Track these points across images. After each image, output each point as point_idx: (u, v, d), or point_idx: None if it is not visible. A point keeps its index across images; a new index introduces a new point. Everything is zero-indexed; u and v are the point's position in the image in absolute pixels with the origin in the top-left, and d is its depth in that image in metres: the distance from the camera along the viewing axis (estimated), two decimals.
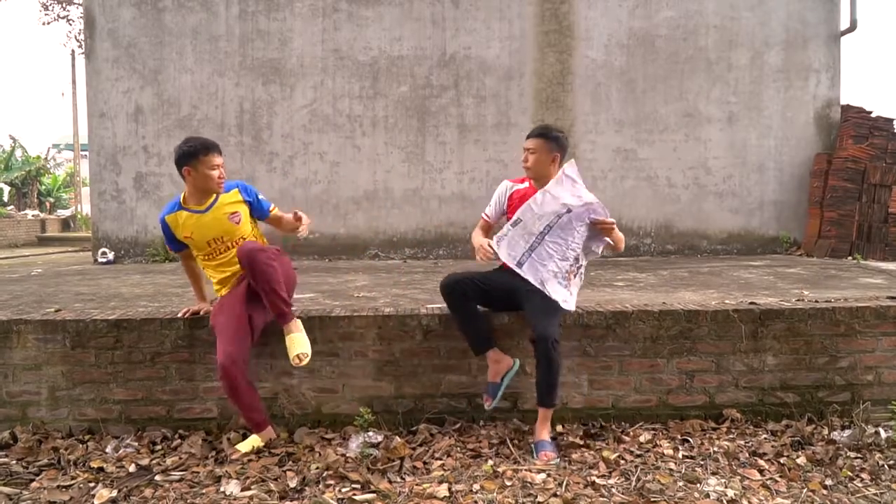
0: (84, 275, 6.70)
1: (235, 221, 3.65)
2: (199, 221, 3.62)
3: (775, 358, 3.88)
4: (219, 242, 3.65)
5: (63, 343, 3.74)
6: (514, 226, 3.54)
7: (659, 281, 5.60)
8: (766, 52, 8.45)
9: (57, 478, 3.22)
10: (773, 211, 8.56)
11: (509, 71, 8.40)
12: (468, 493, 2.97)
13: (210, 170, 3.54)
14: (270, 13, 8.31)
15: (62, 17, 19.39)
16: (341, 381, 3.80)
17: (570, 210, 3.48)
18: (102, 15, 8.31)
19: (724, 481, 3.11)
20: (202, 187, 3.61)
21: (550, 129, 3.75)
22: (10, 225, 18.64)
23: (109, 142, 8.37)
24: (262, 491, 3.02)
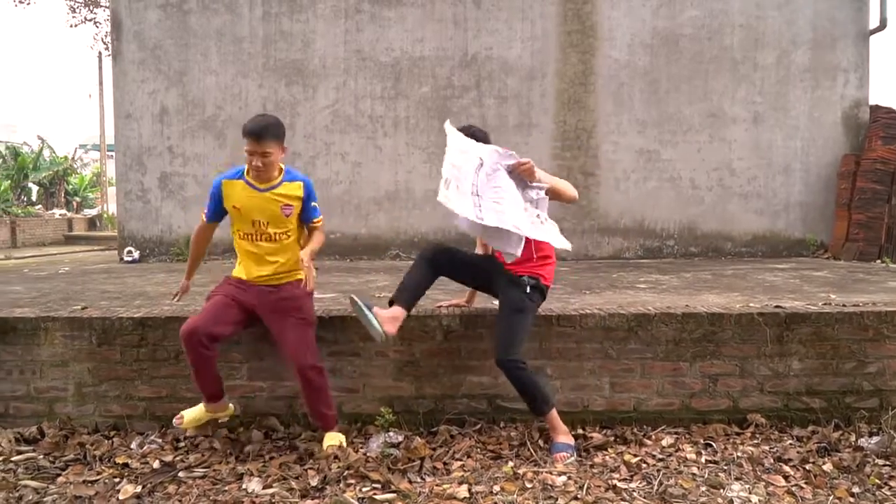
0: (110, 273, 6.79)
1: (286, 214, 3.50)
2: (252, 198, 3.44)
3: (801, 362, 3.82)
4: (262, 226, 3.47)
5: (89, 340, 3.79)
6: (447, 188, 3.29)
7: (682, 283, 5.55)
8: (793, 52, 8.35)
9: (83, 473, 3.26)
10: (799, 213, 8.45)
11: (531, 71, 8.38)
12: (488, 495, 2.97)
13: (247, 153, 3.37)
14: (293, 15, 8.37)
15: (89, 19, 19.67)
16: (362, 381, 3.81)
17: (482, 162, 3.30)
18: (129, 17, 8.42)
19: (748, 487, 3.07)
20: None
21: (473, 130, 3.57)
22: (38, 224, 18.93)
23: (135, 142, 8.47)
24: (283, 489, 3.04)
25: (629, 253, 8.41)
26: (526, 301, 3.42)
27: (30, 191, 25.32)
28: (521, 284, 3.43)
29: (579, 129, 8.38)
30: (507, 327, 3.37)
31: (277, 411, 3.78)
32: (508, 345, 3.33)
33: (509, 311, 3.41)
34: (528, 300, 3.43)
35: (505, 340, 3.35)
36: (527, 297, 3.42)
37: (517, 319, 3.38)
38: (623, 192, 8.30)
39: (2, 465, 3.34)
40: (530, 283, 3.44)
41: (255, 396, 3.79)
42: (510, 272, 3.46)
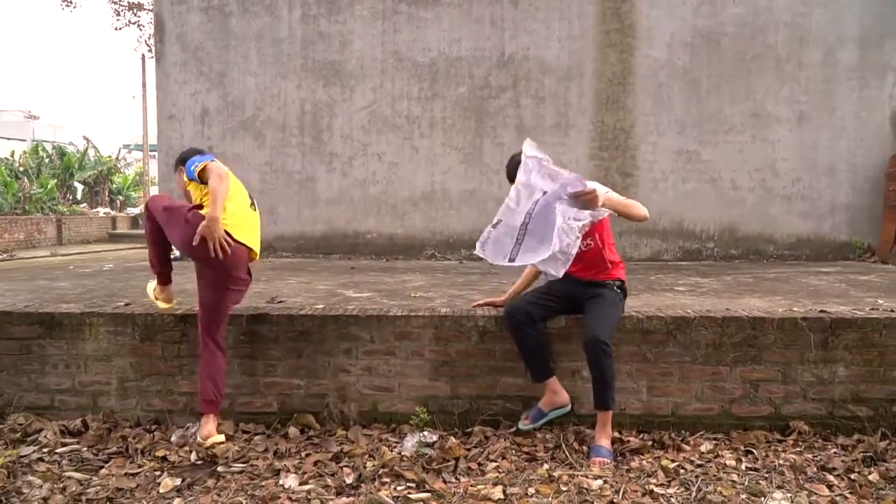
0: None
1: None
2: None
3: (847, 369, 3.72)
4: None
5: (132, 336, 3.86)
6: (494, 227, 3.46)
7: (722, 286, 5.45)
8: (840, 50, 8.15)
9: (125, 465, 3.33)
10: (844, 215, 8.25)
11: (569, 71, 8.32)
12: (523, 497, 2.95)
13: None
14: (331, 16, 8.43)
15: (133, 22, 20.09)
16: (398, 380, 3.82)
17: (546, 192, 3.33)
18: (171, 20, 8.57)
19: (790, 496, 3.00)
20: None
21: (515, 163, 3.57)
22: (83, 222, 19.37)
23: (177, 142, 8.62)
24: (319, 486, 3.06)
25: (668, 255, 8.29)
26: (618, 298, 3.64)
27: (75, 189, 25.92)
28: (611, 286, 3.62)
29: (617, 129, 8.29)
30: (603, 315, 3.48)
31: (314, 409, 3.81)
32: (604, 327, 3.40)
33: (604, 304, 3.53)
34: (619, 298, 3.66)
35: (601, 323, 3.42)
36: (618, 295, 3.64)
37: (612, 311, 3.55)
38: (661, 193, 8.19)
39: (47, 456, 3.42)
40: (616, 283, 3.65)
41: (291, 394, 3.83)
42: (597, 280, 3.62)
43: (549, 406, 3.64)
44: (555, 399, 3.64)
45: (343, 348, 3.81)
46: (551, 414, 3.65)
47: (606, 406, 3.41)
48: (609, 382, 3.38)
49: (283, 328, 3.82)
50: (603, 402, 3.41)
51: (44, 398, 3.90)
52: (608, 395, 3.40)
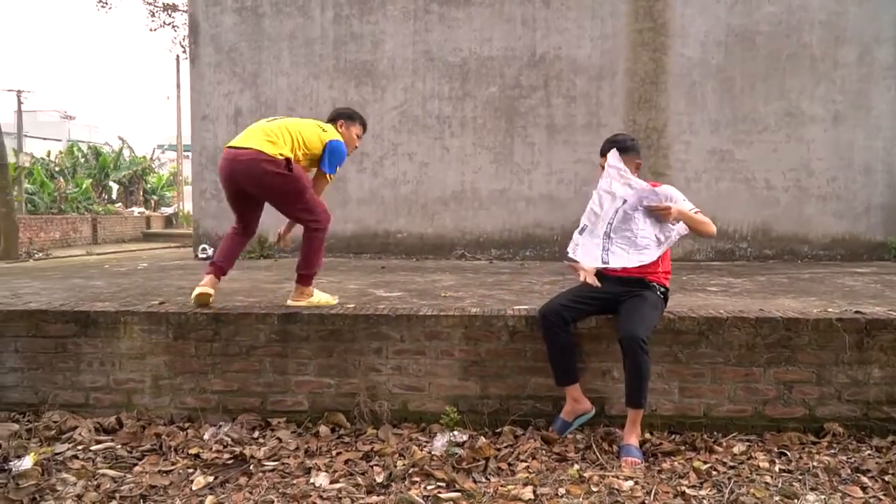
0: (185, 269, 7.03)
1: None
2: None
3: (882, 370, 3.66)
4: None
5: (166, 334, 3.93)
6: (581, 233, 3.56)
7: (755, 287, 5.39)
8: (876, 49, 7.99)
9: (158, 463, 3.38)
10: (880, 215, 8.09)
11: (601, 71, 8.27)
12: (553, 497, 2.95)
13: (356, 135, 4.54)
14: (363, 16, 8.49)
15: (168, 23, 20.39)
16: (427, 380, 3.84)
17: (626, 201, 3.42)
18: (206, 21, 8.70)
19: (824, 498, 2.96)
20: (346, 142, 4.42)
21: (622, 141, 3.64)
22: (118, 221, 19.73)
23: (211, 143, 8.74)
24: (349, 484, 3.09)
25: (700, 255, 8.21)
26: (660, 301, 3.64)
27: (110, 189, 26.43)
28: (655, 289, 3.62)
29: (649, 128, 8.23)
30: (643, 314, 3.47)
31: (344, 407, 3.84)
32: (642, 326, 3.39)
33: (645, 305, 3.51)
34: (661, 302, 3.66)
35: (639, 322, 3.40)
36: (660, 299, 3.63)
37: (653, 312, 3.54)
38: (694, 193, 8.07)
39: (81, 453, 3.47)
40: (660, 289, 3.65)
41: (322, 393, 3.87)
42: (642, 279, 3.60)
43: (572, 415, 3.65)
44: (577, 407, 3.64)
45: (373, 347, 3.84)
46: (576, 423, 3.65)
47: (639, 404, 3.40)
48: (643, 381, 3.37)
49: (314, 327, 3.86)
50: (636, 401, 3.39)
51: (79, 396, 3.98)
52: (641, 394, 3.38)
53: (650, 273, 3.62)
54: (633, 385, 3.37)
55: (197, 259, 8.57)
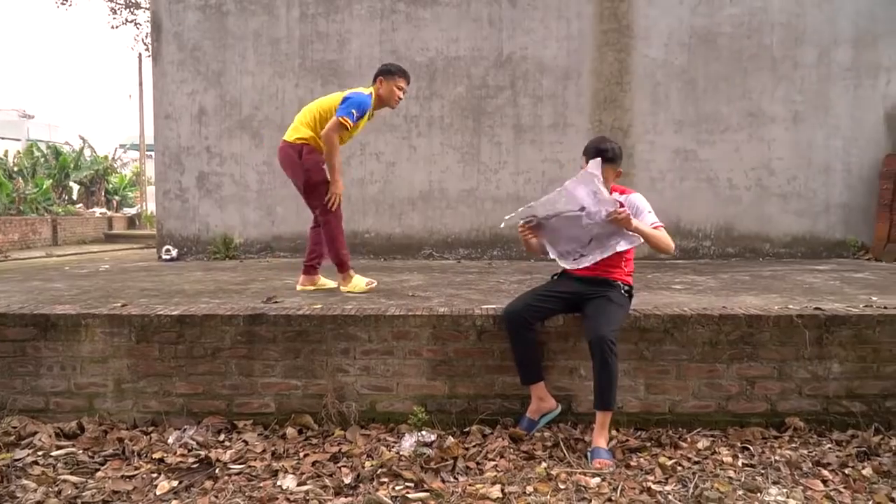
0: (149, 271, 6.92)
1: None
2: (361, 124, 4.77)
3: (841, 365, 3.75)
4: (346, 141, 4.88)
5: (129, 337, 3.86)
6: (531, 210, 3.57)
7: (719, 284, 5.47)
8: (834, 50, 8.17)
9: (121, 468, 3.32)
10: (839, 214, 8.28)
11: (567, 71, 8.33)
12: (521, 495, 2.96)
13: (398, 88, 4.73)
14: (330, 15, 8.43)
15: (130, 21, 20.08)
16: (395, 380, 3.83)
17: (584, 209, 3.42)
18: (168, 19, 8.57)
19: (786, 491, 3.02)
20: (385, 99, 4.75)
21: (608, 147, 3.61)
22: (79, 222, 19.33)
23: (174, 142, 8.62)
24: (317, 486, 3.07)
25: (665, 253, 8.31)
26: (626, 300, 3.69)
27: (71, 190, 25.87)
28: (620, 287, 3.66)
29: (615, 128, 8.31)
30: (609, 314, 3.49)
31: (312, 409, 3.81)
32: (609, 326, 3.41)
33: (611, 304, 3.54)
34: (627, 300, 3.71)
35: (607, 323, 3.42)
36: (624, 297, 3.66)
37: (619, 311, 3.57)
38: (659, 192, 8.20)
39: (41, 459, 3.40)
40: (625, 287, 3.69)
41: (289, 394, 3.83)
42: (607, 278, 3.64)
43: (538, 413, 3.68)
44: (542, 406, 3.67)
45: (341, 348, 3.82)
46: (542, 421, 3.68)
47: (609, 406, 3.42)
48: (612, 383, 3.39)
49: (281, 328, 3.83)
50: (605, 403, 3.41)
51: (38, 401, 3.89)
52: (611, 396, 3.41)
53: (615, 273, 3.67)
54: (603, 386, 3.39)
55: (160, 260, 8.44)
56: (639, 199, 3.69)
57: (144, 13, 19.18)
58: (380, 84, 4.73)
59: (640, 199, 3.68)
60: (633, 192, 3.74)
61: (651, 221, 3.61)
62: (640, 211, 3.62)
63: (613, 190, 3.69)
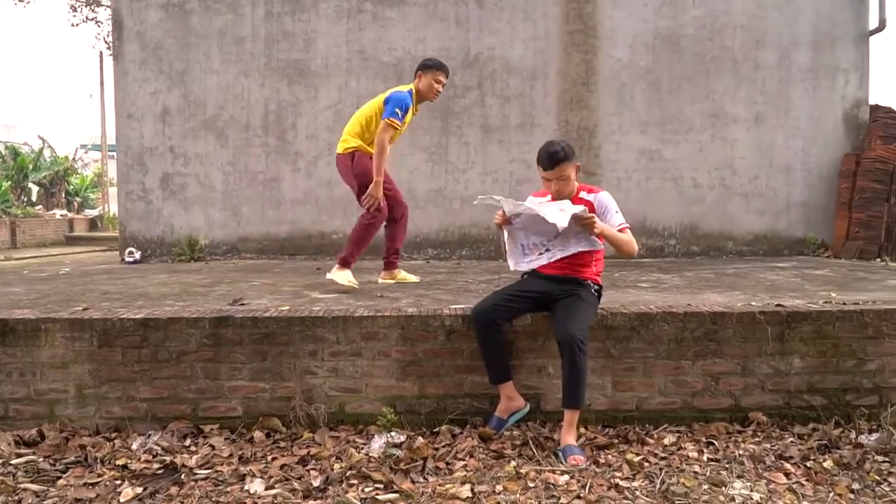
0: (111, 274, 6.80)
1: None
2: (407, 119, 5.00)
3: (802, 361, 3.83)
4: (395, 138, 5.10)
5: (90, 342, 3.79)
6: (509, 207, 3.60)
7: (684, 282, 5.55)
8: (794, 52, 8.35)
9: (84, 475, 3.25)
10: (800, 212, 8.45)
11: (533, 71, 8.38)
12: (491, 494, 2.97)
13: (435, 82, 4.98)
14: (296, 14, 8.37)
15: (90, 18, 19.72)
16: (364, 381, 3.81)
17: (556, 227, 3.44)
18: (130, 17, 8.43)
19: (750, 485, 3.08)
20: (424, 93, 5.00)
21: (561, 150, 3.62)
22: (39, 224, 18.94)
23: (136, 142, 8.48)
24: (285, 490, 3.04)
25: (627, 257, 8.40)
26: (595, 299, 3.72)
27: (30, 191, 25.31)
28: (589, 286, 3.68)
29: (581, 128, 8.38)
30: (579, 313, 3.51)
31: (279, 412, 3.78)
32: (578, 326, 3.43)
33: (581, 303, 3.56)
34: (596, 299, 3.74)
35: (575, 322, 3.44)
36: (594, 296, 3.70)
37: (589, 309, 3.60)
38: (625, 192, 8.29)
39: (1, 468, 3.33)
40: (594, 286, 3.72)
41: (256, 397, 3.79)
42: (577, 277, 3.67)
43: (507, 412, 3.69)
44: (511, 405, 3.69)
45: (309, 350, 3.79)
46: (511, 420, 3.69)
47: (578, 405, 3.46)
48: (581, 382, 3.42)
49: (248, 331, 3.79)
50: (575, 402, 3.44)
51: None
52: (580, 394, 3.44)
53: (585, 272, 3.70)
54: (572, 385, 3.42)
55: (123, 263, 8.30)
56: (606, 198, 3.72)
57: (105, 11, 18.83)
58: (419, 79, 4.96)
59: (607, 199, 3.72)
60: (601, 191, 3.77)
61: (618, 223, 3.64)
62: (608, 210, 3.66)
63: (581, 189, 3.73)
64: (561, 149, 3.60)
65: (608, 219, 3.62)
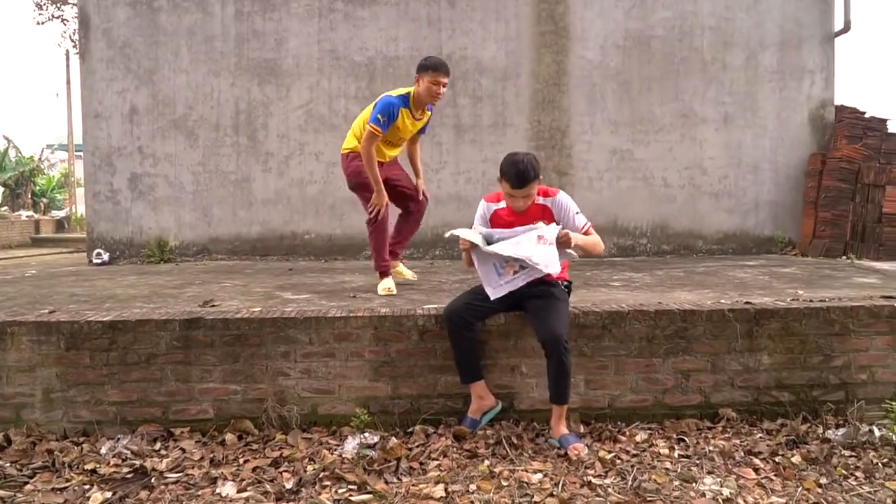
0: (79, 276, 6.68)
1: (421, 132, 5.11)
2: (409, 124, 4.80)
3: (770, 357, 3.89)
4: (402, 140, 4.94)
5: (57, 345, 3.72)
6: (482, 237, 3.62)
7: (655, 281, 5.61)
8: (761, 53, 8.48)
9: (51, 480, 3.20)
10: (768, 211, 8.59)
11: (505, 71, 8.41)
12: (464, 494, 2.97)
13: (433, 84, 4.58)
14: (266, 13, 8.30)
15: (56, 16, 19.37)
16: (337, 382, 3.79)
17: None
18: (97, 15, 8.29)
19: (720, 480, 3.12)
20: (423, 97, 4.65)
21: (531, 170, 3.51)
22: (4, 226, 18.58)
23: (104, 142, 8.35)
24: (257, 492, 3.02)
25: (603, 251, 8.46)
26: (565, 295, 3.74)
27: None
28: (559, 284, 3.72)
29: (553, 128, 8.43)
30: (559, 313, 3.53)
31: (252, 414, 3.75)
32: (563, 326, 3.47)
33: (557, 303, 3.59)
34: (567, 294, 3.77)
35: (556, 322, 3.47)
36: (565, 293, 3.74)
37: (564, 307, 3.62)
38: (597, 192, 8.36)
39: None
40: (564, 283, 3.76)
41: (228, 399, 3.76)
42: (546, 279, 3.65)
43: (479, 412, 3.71)
44: (482, 404, 3.70)
45: (281, 351, 3.76)
46: (484, 419, 3.71)
47: (566, 401, 3.53)
48: (568, 378, 3.49)
49: (219, 332, 3.75)
50: (563, 398, 3.51)
51: None
52: (567, 390, 3.51)
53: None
54: (560, 383, 3.47)
55: (91, 265, 8.16)
56: (565, 199, 3.70)
57: (72, 9, 18.51)
58: (417, 82, 4.68)
59: (566, 200, 3.69)
60: (557, 192, 3.73)
61: (581, 224, 3.67)
62: (569, 213, 3.66)
63: (537, 193, 3.69)
64: (530, 167, 3.48)
65: (571, 223, 3.64)
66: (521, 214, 3.64)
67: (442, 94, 4.67)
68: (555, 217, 3.63)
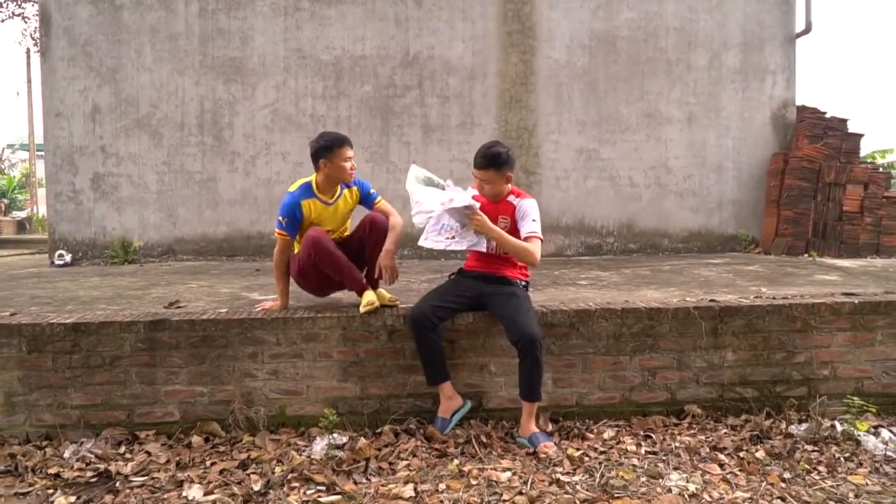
0: (40, 277, 6.54)
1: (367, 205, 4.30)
2: (325, 211, 4.09)
3: (734, 354, 3.96)
4: (331, 232, 4.11)
5: (19, 347, 3.65)
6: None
7: (622, 279, 5.67)
8: (724, 54, 8.61)
9: (14, 485, 3.14)
10: (731, 210, 8.72)
11: (473, 71, 8.42)
12: (434, 493, 2.98)
13: (344, 162, 4.04)
14: (231, 11, 8.21)
15: (17, 14, 18.91)
16: (306, 383, 3.77)
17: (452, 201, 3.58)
18: (58, 12, 8.12)
19: (686, 476, 3.16)
20: (336, 178, 4.07)
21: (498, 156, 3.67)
22: None
23: (66, 142, 8.18)
24: (225, 495, 2.99)
25: (570, 250, 8.54)
26: (525, 292, 3.80)
27: None
28: (517, 283, 3.76)
29: (521, 128, 8.47)
30: (524, 311, 3.57)
31: (218, 416, 3.71)
32: (534, 325, 3.50)
33: (523, 302, 3.64)
34: (525, 292, 3.82)
35: (527, 322, 3.49)
36: (525, 290, 3.79)
37: (529, 305, 3.67)
38: (564, 191, 8.42)
39: None
40: (521, 283, 3.80)
41: (194, 401, 3.72)
42: (504, 277, 3.75)
43: (449, 412, 3.72)
44: (451, 404, 3.72)
45: (248, 352, 3.73)
46: (454, 418, 3.72)
47: (538, 398, 3.55)
48: (541, 376, 3.52)
49: (185, 334, 3.70)
50: (535, 395, 3.54)
51: None
52: (539, 388, 3.53)
53: (510, 271, 3.79)
54: (533, 380, 3.50)
55: (53, 266, 8.00)
56: (529, 204, 3.72)
57: (33, 6, 18.09)
58: (323, 166, 4.03)
59: (529, 206, 3.71)
60: (528, 198, 3.78)
61: (528, 230, 3.64)
62: (525, 216, 3.68)
63: (511, 193, 3.77)
64: (496, 155, 3.68)
65: (522, 224, 3.68)
66: (493, 203, 3.73)
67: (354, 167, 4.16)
68: (515, 217, 3.68)
